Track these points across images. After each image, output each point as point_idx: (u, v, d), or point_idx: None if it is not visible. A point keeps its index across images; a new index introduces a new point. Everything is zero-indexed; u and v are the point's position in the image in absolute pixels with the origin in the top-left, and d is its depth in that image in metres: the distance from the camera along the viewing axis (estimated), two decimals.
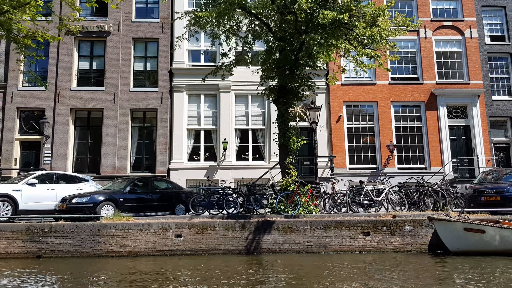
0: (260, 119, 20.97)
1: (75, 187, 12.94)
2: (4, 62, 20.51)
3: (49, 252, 10.03)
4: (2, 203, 11.20)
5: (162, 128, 20.32)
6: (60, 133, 19.92)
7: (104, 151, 19.91)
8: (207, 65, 21.17)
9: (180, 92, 20.59)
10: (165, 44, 21.09)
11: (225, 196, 12.23)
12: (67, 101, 20.20)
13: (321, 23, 10.80)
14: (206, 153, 20.49)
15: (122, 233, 10.19)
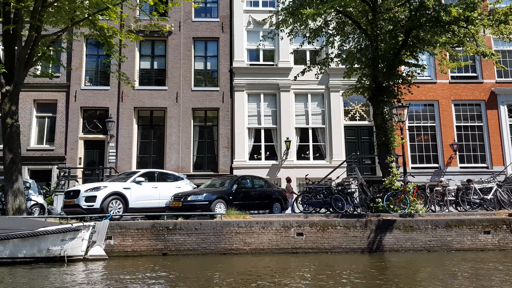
0: (320, 118, 20.98)
1: (174, 185, 13.04)
2: (66, 62, 20.67)
3: (175, 249, 10.14)
4: (115, 201, 11.32)
5: (224, 127, 20.41)
6: (125, 132, 20.07)
7: (168, 150, 20.04)
8: (266, 64, 21.29)
9: (240, 91, 20.67)
10: (225, 44, 21.17)
11: (332, 195, 12.30)
12: (130, 101, 20.34)
13: (444, 20, 10.79)
14: (266, 152, 20.57)
15: (245, 230, 10.28)
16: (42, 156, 19.77)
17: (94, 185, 11.58)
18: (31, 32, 11.67)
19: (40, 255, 9.17)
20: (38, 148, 19.94)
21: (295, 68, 20.89)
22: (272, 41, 21.46)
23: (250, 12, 21.58)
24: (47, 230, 8.99)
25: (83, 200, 11.06)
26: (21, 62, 11.64)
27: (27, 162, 19.56)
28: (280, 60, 20.98)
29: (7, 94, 11.49)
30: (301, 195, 12.75)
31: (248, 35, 21.45)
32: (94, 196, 11.08)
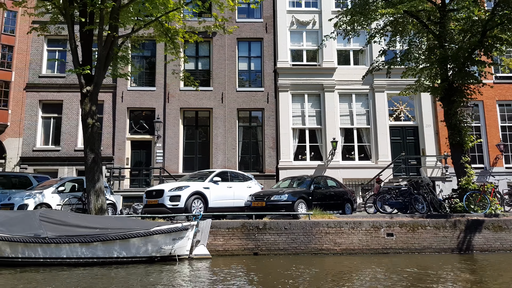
0: (365, 118, 20.97)
1: (245, 185, 13.09)
2: None
3: (265, 249, 10.17)
4: (197, 200, 11.37)
5: (269, 128, 20.44)
6: (171, 133, 20.14)
7: (215, 150, 20.10)
8: (309, 64, 21.33)
9: (285, 91, 20.69)
10: (269, 44, 21.20)
11: (412, 195, 12.32)
12: (176, 101, 20.42)
13: None
14: (311, 152, 20.59)
15: (335, 231, 10.30)
16: None
17: (177, 185, 11.65)
18: (110, 32, 11.74)
19: (153, 254, 9.25)
20: None
21: (339, 68, 20.96)
22: (315, 41, 21.58)
23: (293, 12, 21.61)
24: (162, 229, 9.04)
25: (168, 199, 11.13)
26: (101, 63, 11.72)
27: (76, 162, 19.72)
28: (324, 60, 20.99)
29: (87, 94, 11.57)
30: (380, 196, 12.76)
31: (291, 35, 21.50)
32: (178, 196, 11.15)
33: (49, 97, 20.33)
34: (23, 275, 8.01)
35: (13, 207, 10.82)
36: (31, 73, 20.46)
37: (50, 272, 8.21)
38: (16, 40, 20.56)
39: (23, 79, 20.34)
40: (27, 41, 20.64)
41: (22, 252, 8.69)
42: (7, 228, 8.57)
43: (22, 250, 8.67)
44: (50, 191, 11.55)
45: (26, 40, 20.64)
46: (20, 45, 20.61)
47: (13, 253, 8.57)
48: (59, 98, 20.32)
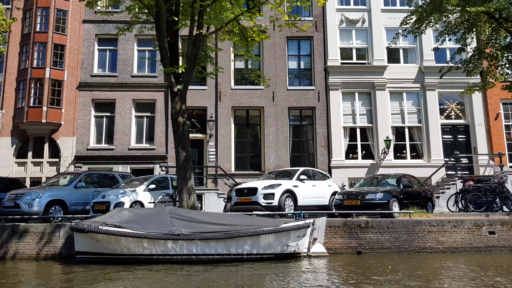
0: (416, 117, 20.91)
1: (326, 183, 13.10)
2: None
3: (368, 248, 10.19)
4: (287, 197, 11.39)
5: (320, 126, 20.42)
6: (224, 131, 20.17)
7: (267, 149, 20.11)
8: (358, 62, 21.28)
9: (335, 90, 20.66)
10: (319, 42, 21.17)
11: (502, 193, 12.28)
12: (228, 100, 20.45)
13: None
14: (362, 151, 20.55)
15: (437, 229, 10.31)
16: (144, 155, 19.95)
17: (269, 183, 11.65)
18: (198, 31, 11.76)
19: (280, 251, 9.28)
20: (138, 147, 20.14)
21: (390, 66, 20.91)
22: (364, 40, 21.55)
23: (342, 10, 21.56)
24: (289, 226, 9.06)
25: (262, 197, 11.15)
26: (191, 61, 11.76)
27: (129, 161, 19.81)
28: (374, 58, 20.93)
29: (178, 93, 11.61)
30: (470, 194, 12.73)
31: (340, 33, 21.46)
32: (272, 194, 11.17)
33: (101, 96, 20.42)
34: (158, 272, 8.10)
35: (109, 205, 10.88)
36: (83, 72, 20.54)
37: (182, 269, 8.29)
38: (68, 39, 20.64)
39: (75, 78, 20.43)
40: (78, 40, 20.74)
41: (157, 249, 8.76)
42: (141, 226, 8.64)
43: (157, 247, 8.73)
44: (142, 189, 11.60)
45: (77, 39, 20.74)
46: (72, 44, 20.69)
47: (147, 250, 8.65)
48: (112, 97, 20.39)
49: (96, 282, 7.43)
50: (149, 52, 21.27)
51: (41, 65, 19.90)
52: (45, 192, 11.15)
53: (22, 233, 10.13)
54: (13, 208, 10.89)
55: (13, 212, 10.88)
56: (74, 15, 20.96)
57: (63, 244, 10.11)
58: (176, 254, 8.76)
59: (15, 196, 11.15)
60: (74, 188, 11.86)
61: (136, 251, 8.77)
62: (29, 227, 10.21)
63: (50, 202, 11.01)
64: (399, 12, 21.56)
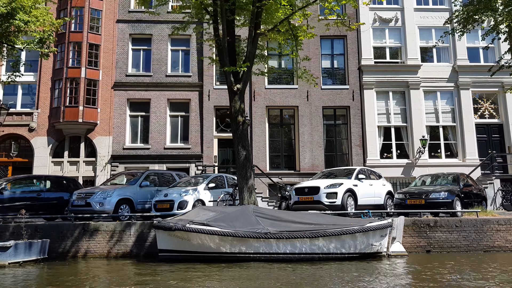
0: (450, 116, 20.86)
1: (381, 182, 13.11)
2: (197, 61, 20.85)
3: (438, 247, 10.19)
4: (349, 197, 11.39)
5: (355, 126, 20.40)
6: (258, 131, 20.19)
7: (302, 148, 20.11)
8: (392, 61, 21.25)
9: (369, 89, 20.64)
10: (353, 41, 21.14)
11: None
12: (262, 100, 20.46)
13: None
14: (397, 150, 20.52)
15: (505, 228, 10.30)
16: (179, 155, 20.00)
17: (331, 182, 11.65)
18: (256, 30, 11.78)
19: (364, 251, 9.31)
20: (174, 147, 20.18)
21: (424, 65, 20.87)
22: (398, 38, 21.53)
23: (375, 9, 21.53)
24: (375, 226, 9.07)
25: (324, 196, 11.15)
26: (250, 60, 11.77)
27: (165, 160, 19.85)
28: (408, 57, 20.90)
29: (237, 92, 11.63)
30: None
31: (373, 32, 21.44)
32: (335, 193, 11.18)
33: (136, 96, 20.48)
34: (245, 270, 8.19)
35: (173, 204, 10.91)
36: (118, 71, 20.61)
37: (270, 267, 8.35)
38: (102, 39, 20.70)
39: (110, 77, 20.50)
40: (112, 40, 20.80)
41: (244, 247, 8.82)
42: (228, 224, 8.67)
43: (245, 245, 8.79)
44: (202, 187, 11.63)
45: (111, 39, 20.80)
46: (106, 44, 20.75)
47: (234, 248, 8.69)
48: (147, 97, 20.45)
49: (191, 279, 7.50)
50: (182, 52, 21.33)
51: (77, 65, 19.98)
52: (115, 191, 11.22)
53: (93, 231, 10.19)
54: (84, 206, 10.97)
55: (84, 210, 10.96)
56: (108, 15, 21.01)
57: (133, 242, 10.16)
58: (263, 252, 8.80)
59: (85, 195, 11.23)
60: (139, 187, 11.92)
61: (223, 249, 8.84)
62: (99, 226, 10.27)
63: (119, 201, 11.08)
64: (432, 11, 21.61)
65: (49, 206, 12.02)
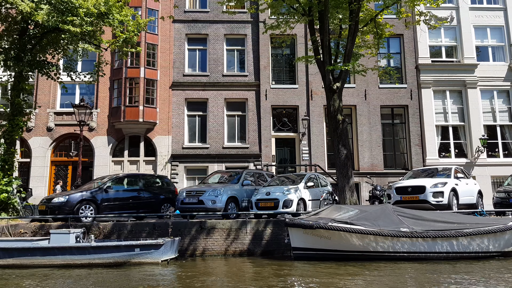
0: (507, 115, 20.77)
1: (472, 181, 13.03)
2: (253, 61, 20.87)
3: None
4: (453, 196, 11.34)
5: (414, 125, 20.34)
6: (316, 130, 20.17)
7: (360, 147, 20.07)
8: (447, 60, 21.17)
9: (427, 88, 20.58)
10: (409, 40, 21.08)
11: None
12: (319, 99, 20.42)
13: None
14: (455, 149, 20.43)
15: None
16: (238, 154, 20.01)
17: (436, 181, 11.60)
18: (356, 28, 11.79)
19: (506, 249, 9.28)
20: (232, 146, 20.19)
21: (480, 64, 20.79)
22: (453, 38, 21.45)
23: (430, 8, 21.42)
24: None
25: (431, 195, 11.11)
26: (348, 58, 11.77)
27: (223, 159, 19.88)
28: (464, 56, 20.82)
29: (336, 91, 11.62)
30: None
31: (429, 31, 21.32)
32: (441, 192, 11.14)
33: (194, 96, 20.51)
34: (390, 268, 8.17)
35: (277, 202, 10.89)
36: (175, 71, 20.66)
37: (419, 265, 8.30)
38: (159, 39, 20.76)
39: (167, 77, 20.56)
40: (169, 40, 20.86)
41: (388, 245, 8.82)
42: (372, 223, 8.67)
43: (388, 244, 8.80)
44: (302, 186, 11.62)
45: (168, 39, 20.85)
46: (163, 44, 20.81)
47: (378, 247, 8.69)
48: (204, 96, 20.48)
49: (336, 275, 7.46)
50: (237, 52, 21.35)
51: (136, 65, 20.04)
52: (223, 189, 11.24)
53: (210, 229, 10.19)
54: (196, 204, 11.00)
55: (197, 208, 11.00)
56: (164, 15, 21.04)
57: (250, 240, 10.15)
58: (407, 251, 8.81)
59: (195, 193, 11.26)
60: (241, 186, 11.94)
61: (367, 248, 8.86)
62: (215, 224, 10.27)
63: (228, 199, 11.11)
64: (487, 11, 21.56)
65: (147, 204, 12.07)
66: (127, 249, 8.75)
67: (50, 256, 8.74)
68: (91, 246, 8.76)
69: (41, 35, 12.05)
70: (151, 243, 8.93)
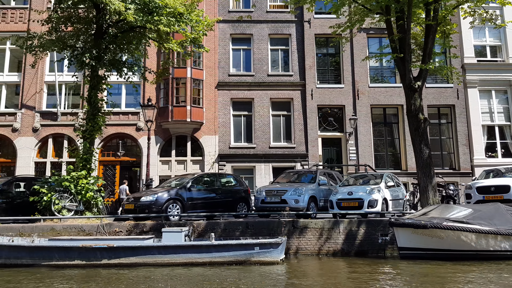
0: None
1: None
2: (297, 60, 20.84)
3: None
4: None
5: (461, 125, 20.25)
6: (363, 130, 20.11)
7: (408, 147, 19.91)
8: (492, 60, 21.08)
9: (473, 87, 20.49)
10: (454, 40, 20.88)
11: None
12: (366, 98, 20.39)
13: None
14: (501, 149, 20.34)
15: None
16: (284, 154, 19.97)
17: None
18: (437, 26, 11.74)
19: None
20: (278, 146, 20.16)
21: None
22: (497, 37, 21.35)
23: (474, 8, 21.34)
24: None
25: None
26: (429, 57, 11.72)
27: (271, 159, 19.86)
28: (509, 56, 20.71)
29: (417, 90, 11.58)
30: None
31: (473, 31, 21.25)
32: None
33: (239, 95, 20.50)
34: None
35: (362, 202, 10.86)
36: (221, 71, 20.66)
37: None
38: (204, 39, 20.69)
39: (213, 77, 20.56)
40: (214, 39, 20.84)
41: (507, 245, 8.82)
42: (487, 222, 8.64)
43: (507, 243, 8.80)
44: (383, 186, 11.58)
45: (213, 39, 20.84)
46: (207, 44, 20.73)
47: (496, 246, 8.70)
48: (250, 96, 20.47)
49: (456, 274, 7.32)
50: (281, 51, 21.32)
51: (182, 65, 20.04)
52: (305, 189, 11.24)
53: (302, 229, 10.16)
54: (279, 203, 10.99)
55: (279, 207, 10.98)
56: (208, 14, 21.06)
57: (343, 240, 10.12)
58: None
59: (276, 192, 11.26)
60: (318, 185, 11.91)
61: (482, 247, 8.80)
62: (308, 223, 10.23)
63: (309, 198, 11.09)
64: None
65: (225, 203, 12.07)
66: (247, 248, 8.75)
67: (171, 255, 8.61)
68: (212, 244, 8.74)
69: (117, 34, 12.07)
70: (271, 241, 8.91)
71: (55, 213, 10.86)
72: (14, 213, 11.39)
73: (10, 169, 19.65)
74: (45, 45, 11.69)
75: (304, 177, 12.61)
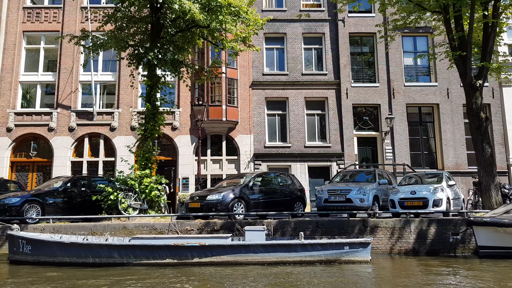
0: None
1: None
2: (331, 59, 20.77)
3: None
4: None
5: (496, 123, 20.15)
6: (399, 129, 20.03)
7: (444, 147, 19.92)
8: None
9: (508, 86, 20.37)
10: None
11: None
12: (401, 97, 20.31)
13: None
14: None
15: None
16: (319, 153, 19.91)
17: None
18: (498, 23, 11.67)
19: None
20: (313, 145, 20.11)
21: None
22: None
23: None
24: None
25: None
26: (490, 55, 11.65)
27: (306, 158, 19.81)
28: None
29: (478, 88, 11.50)
30: None
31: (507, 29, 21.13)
32: None
33: (274, 95, 20.45)
34: None
35: (427, 201, 10.81)
36: (255, 71, 20.62)
37: None
38: None
39: (247, 76, 20.51)
40: None
41: None
42: None
43: None
44: (445, 185, 11.52)
45: None
46: None
47: None
48: (284, 96, 20.42)
49: None
50: (315, 50, 21.25)
51: (217, 64, 19.97)
52: (369, 188, 11.20)
53: (373, 228, 10.12)
54: (344, 202, 10.95)
55: (345, 206, 10.95)
56: None
57: (414, 239, 10.07)
58: None
59: (340, 191, 11.21)
60: (378, 185, 11.87)
61: None
62: (378, 223, 10.19)
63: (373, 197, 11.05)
64: None
65: (284, 202, 12.03)
66: (337, 247, 8.69)
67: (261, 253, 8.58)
68: (303, 243, 8.71)
69: (176, 33, 12.05)
70: (361, 241, 8.88)
71: (122, 211, 10.86)
72: (75, 211, 11.38)
73: (46, 169, 19.69)
74: (106, 44, 11.69)
75: (360, 177, 12.56)
